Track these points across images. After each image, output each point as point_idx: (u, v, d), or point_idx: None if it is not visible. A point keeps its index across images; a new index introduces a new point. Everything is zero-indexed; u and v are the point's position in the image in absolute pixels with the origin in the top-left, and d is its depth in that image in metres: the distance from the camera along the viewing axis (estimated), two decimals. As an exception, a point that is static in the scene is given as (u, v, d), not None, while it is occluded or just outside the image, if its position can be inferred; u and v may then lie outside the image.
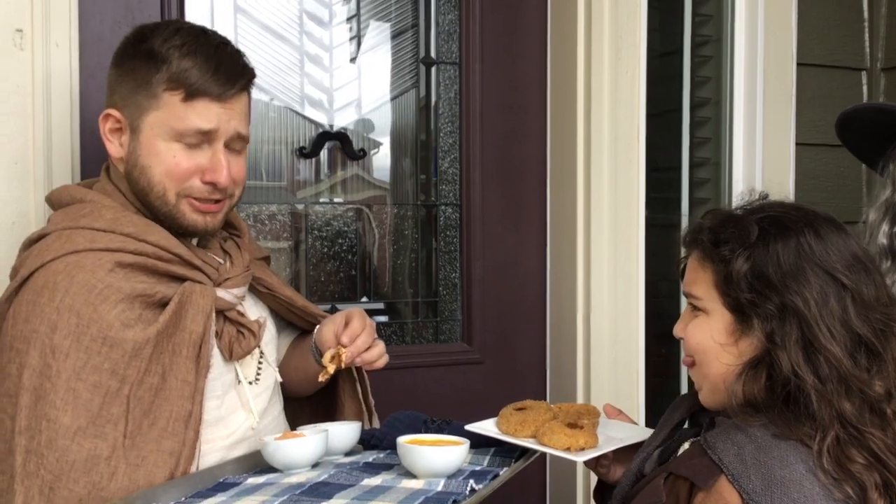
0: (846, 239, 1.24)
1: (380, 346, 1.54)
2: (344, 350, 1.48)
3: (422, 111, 2.33)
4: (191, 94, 1.38)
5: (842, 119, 1.67)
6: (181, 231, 1.45)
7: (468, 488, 1.22)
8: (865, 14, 2.48)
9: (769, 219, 1.23)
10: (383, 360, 1.55)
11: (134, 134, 1.42)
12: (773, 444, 1.15)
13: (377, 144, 2.29)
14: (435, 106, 2.31)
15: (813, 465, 1.13)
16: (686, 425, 1.40)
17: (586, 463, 1.42)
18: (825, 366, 1.16)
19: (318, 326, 1.60)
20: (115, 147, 1.44)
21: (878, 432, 1.15)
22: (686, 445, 1.31)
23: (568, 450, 1.36)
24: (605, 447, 1.39)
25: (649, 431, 1.45)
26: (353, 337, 1.50)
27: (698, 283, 1.27)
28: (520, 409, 1.48)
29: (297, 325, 1.70)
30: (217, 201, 1.44)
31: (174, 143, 1.40)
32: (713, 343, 1.24)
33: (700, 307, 1.27)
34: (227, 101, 1.41)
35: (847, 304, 1.18)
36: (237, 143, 1.45)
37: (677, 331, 1.32)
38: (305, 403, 1.74)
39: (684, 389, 2.46)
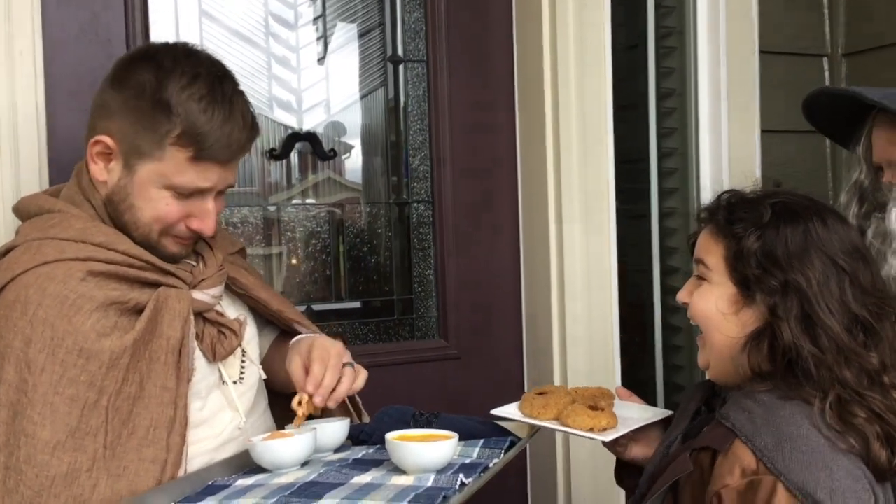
0: (848, 230, 1.35)
1: (348, 377, 1.49)
2: (308, 400, 1.45)
3: (391, 110, 2.33)
4: (199, 158, 1.36)
5: (804, 108, 1.72)
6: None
7: (458, 483, 1.23)
8: (825, 1, 2.51)
9: (781, 204, 1.34)
10: (359, 384, 1.52)
11: (126, 171, 1.39)
12: (779, 405, 1.24)
13: (347, 145, 2.29)
14: (404, 104, 2.31)
15: (817, 422, 1.21)
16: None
17: (606, 443, 1.50)
18: (824, 338, 1.25)
19: (289, 355, 1.54)
20: (99, 170, 1.41)
21: (878, 395, 1.25)
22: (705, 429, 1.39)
23: (591, 430, 1.45)
24: (623, 427, 1.47)
25: (662, 411, 1.56)
26: (316, 385, 1.45)
27: (711, 253, 1.36)
28: (541, 393, 1.55)
29: (274, 322, 1.69)
30: (195, 237, 1.46)
31: (166, 191, 1.38)
32: (716, 311, 1.33)
33: (706, 277, 1.36)
34: (230, 164, 1.41)
35: (846, 286, 1.28)
36: (223, 191, 1.46)
37: (681, 297, 1.41)
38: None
39: (659, 377, 2.49)
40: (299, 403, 1.46)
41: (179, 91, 1.35)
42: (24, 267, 1.33)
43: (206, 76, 1.38)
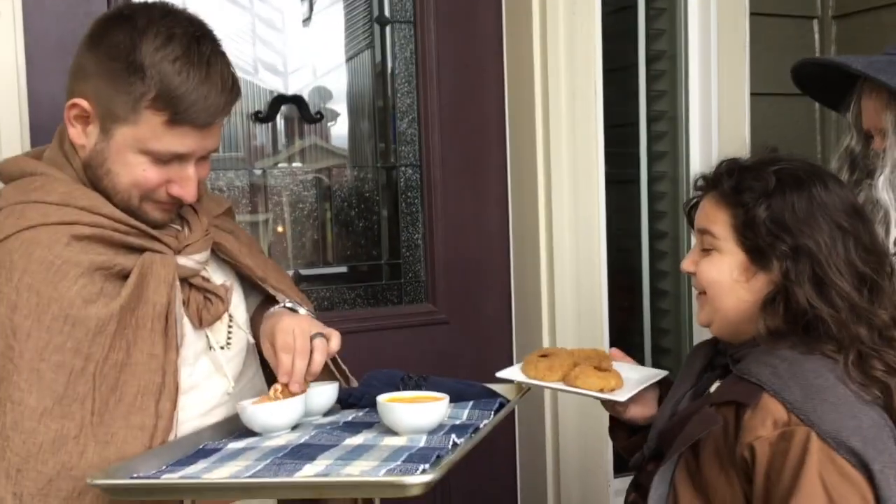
0: (847, 192, 1.41)
1: (319, 350, 1.45)
2: (283, 389, 1.42)
3: (378, 72, 2.30)
4: (175, 122, 1.32)
5: (794, 77, 1.73)
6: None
7: (450, 443, 1.22)
8: (815, -36, 2.50)
9: (784, 171, 1.37)
10: (333, 348, 1.48)
11: (103, 135, 1.35)
12: (802, 360, 1.29)
13: (334, 109, 2.27)
14: (391, 66, 2.29)
15: (842, 374, 1.27)
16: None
17: (605, 402, 1.55)
18: (837, 298, 1.31)
19: (261, 339, 1.52)
20: (77, 134, 1.37)
21: (891, 350, 1.31)
22: (716, 384, 1.42)
23: (602, 391, 1.47)
24: (632, 387, 1.50)
25: (657, 371, 1.60)
26: (287, 374, 1.42)
27: (717, 223, 1.40)
28: (542, 356, 1.56)
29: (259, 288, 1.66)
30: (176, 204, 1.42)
31: (143, 156, 1.34)
32: (729, 279, 1.38)
33: (714, 246, 1.40)
34: (209, 128, 1.36)
35: (850, 246, 1.34)
36: (208, 154, 1.42)
37: (686, 266, 1.45)
38: None
39: (647, 341, 2.50)
40: (277, 392, 1.43)
41: (153, 52, 1.30)
42: (7, 231, 1.30)
43: (182, 36, 1.33)
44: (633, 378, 1.54)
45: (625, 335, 2.46)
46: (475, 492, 2.34)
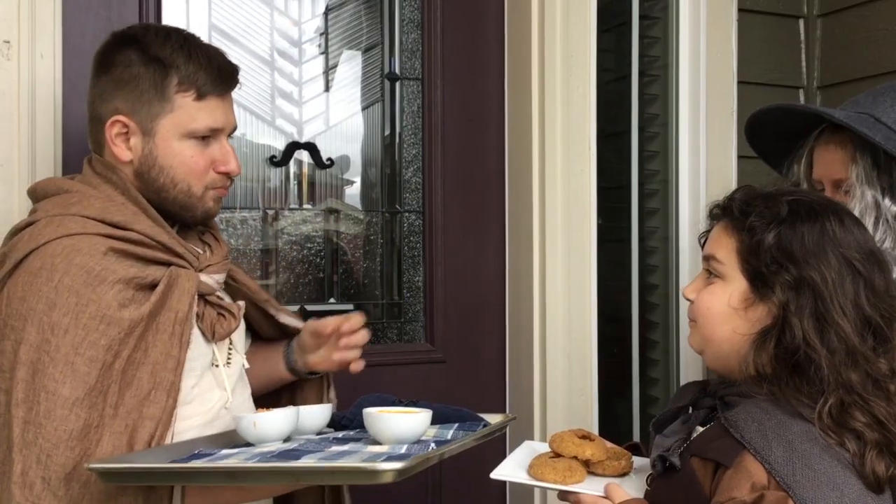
0: (865, 234, 1.35)
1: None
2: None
3: (387, 124, 2.45)
4: (201, 95, 1.51)
5: (751, 122, 1.79)
6: (195, 219, 1.58)
7: (430, 448, 1.31)
8: (802, 36, 2.64)
9: (798, 201, 1.34)
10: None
11: (147, 137, 1.51)
12: (791, 422, 1.23)
13: (344, 156, 2.42)
14: (399, 119, 2.44)
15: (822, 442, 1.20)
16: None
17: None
18: (835, 338, 1.24)
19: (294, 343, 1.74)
20: (122, 151, 1.52)
21: (882, 402, 1.24)
22: (699, 428, 1.38)
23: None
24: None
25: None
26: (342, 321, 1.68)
27: (722, 248, 1.36)
28: (583, 437, 1.50)
29: (253, 323, 1.78)
30: (227, 186, 1.61)
31: (187, 140, 1.52)
32: (727, 308, 1.33)
33: (718, 272, 1.36)
34: (226, 97, 1.56)
35: (860, 289, 1.28)
36: (231, 134, 1.60)
37: (687, 292, 1.41)
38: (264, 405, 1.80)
39: (636, 388, 2.58)
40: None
41: (161, 47, 1.51)
42: (48, 237, 1.42)
43: (175, 31, 1.56)
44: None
45: (613, 380, 2.55)
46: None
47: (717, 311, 1.34)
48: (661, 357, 2.62)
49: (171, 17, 2.15)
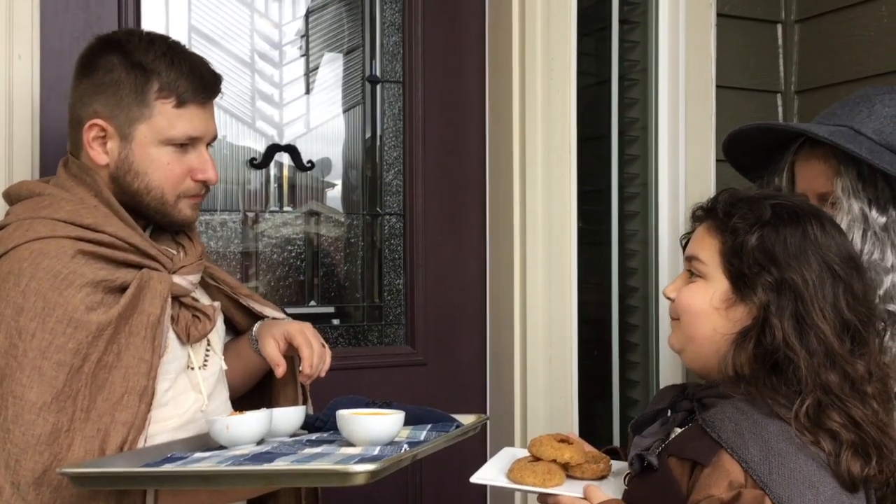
0: (845, 239, 1.38)
1: (328, 353, 1.68)
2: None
3: (367, 126, 2.46)
4: (181, 102, 1.51)
5: (729, 139, 1.79)
6: (173, 224, 1.58)
7: (403, 450, 1.32)
8: (780, 41, 2.67)
9: (781, 205, 1.36)
10: (328, 359, 1.69)
11: (124, 142, 1.51)
12: (767, 422, 1.26)
13: (325, 159, 2.42)
14: (380, 122, 2.45)
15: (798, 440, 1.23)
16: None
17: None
18: (814, 340, 1.27)
19: (258, 329, 1.70)
20: (99, 154, 1.52)
21: (858, 403, 1.27)
22: (677, 429, 1.40)
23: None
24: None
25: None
26: (310, 364, 1.63)
27: (705, 248, 1.38)
28: (562, 440, 1.52)
29: (234, 321, 1.77)
30: (204, 194, 1.60)
31: (164, 147, 1.52)
32: (708, 306, 1.36)
33: (700, 272, 1.38)
34: (207, 106, 1.56)
35: (840, 292, 1.31)
36: (211, 142, 1.60)
37: (668, 291, 1.44)
38: (245, 404, 1.77)
39: (615, 390, 2.60)
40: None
41: (144, 52, 1.51)
42: (17, 241, 1.42)
43: (160, 38, 1.56)
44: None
45: (593, 381, 2.56)
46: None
47: (699, 309, 1.36)
48: (640, 359, 2.63)
49: (151, 18, 2.15)
